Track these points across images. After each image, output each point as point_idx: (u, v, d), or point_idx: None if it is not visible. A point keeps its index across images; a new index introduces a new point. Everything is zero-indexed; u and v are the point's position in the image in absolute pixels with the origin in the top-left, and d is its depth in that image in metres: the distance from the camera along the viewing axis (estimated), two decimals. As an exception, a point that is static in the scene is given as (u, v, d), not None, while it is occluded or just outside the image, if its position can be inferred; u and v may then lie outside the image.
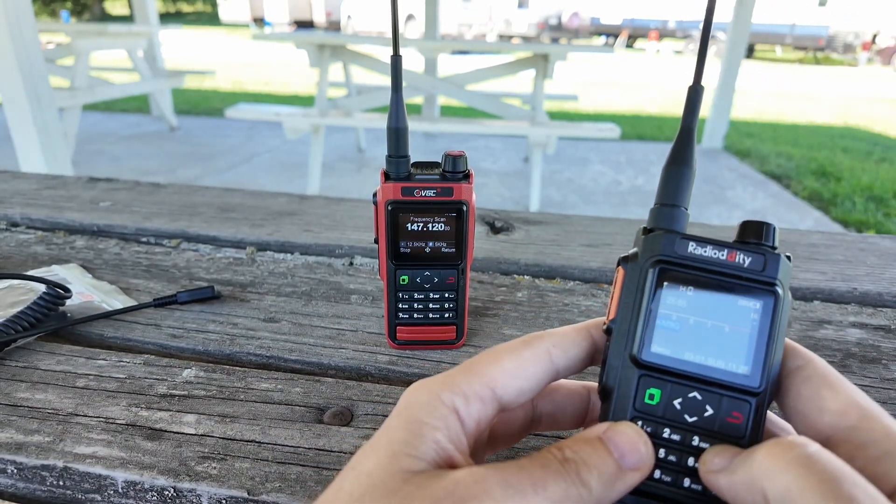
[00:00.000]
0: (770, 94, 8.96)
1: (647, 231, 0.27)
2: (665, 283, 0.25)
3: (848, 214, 3.56)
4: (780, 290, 0.25)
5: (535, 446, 0.39)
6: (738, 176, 4.36)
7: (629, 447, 0.23)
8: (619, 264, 0.27)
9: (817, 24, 16.17)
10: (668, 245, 0.26)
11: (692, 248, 0.26)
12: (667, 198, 0.27)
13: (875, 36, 16.63)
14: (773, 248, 0.26)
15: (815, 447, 0.20)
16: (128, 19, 20.04)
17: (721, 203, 3.70)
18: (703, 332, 0.25)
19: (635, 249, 0.27)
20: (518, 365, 0.25)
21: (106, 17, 25.87)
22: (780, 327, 0.25)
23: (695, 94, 0.27)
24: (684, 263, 0.25)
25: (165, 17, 25.91)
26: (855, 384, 0.24)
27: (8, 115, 2.58)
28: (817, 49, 16.65)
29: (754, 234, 0.26)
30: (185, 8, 30.45)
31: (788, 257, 0.26)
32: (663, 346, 0.25)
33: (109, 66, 6.44)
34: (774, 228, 0.26)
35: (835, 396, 0.23)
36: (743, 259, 0.25)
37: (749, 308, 0.25)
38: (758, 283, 0.25)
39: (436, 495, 0.20)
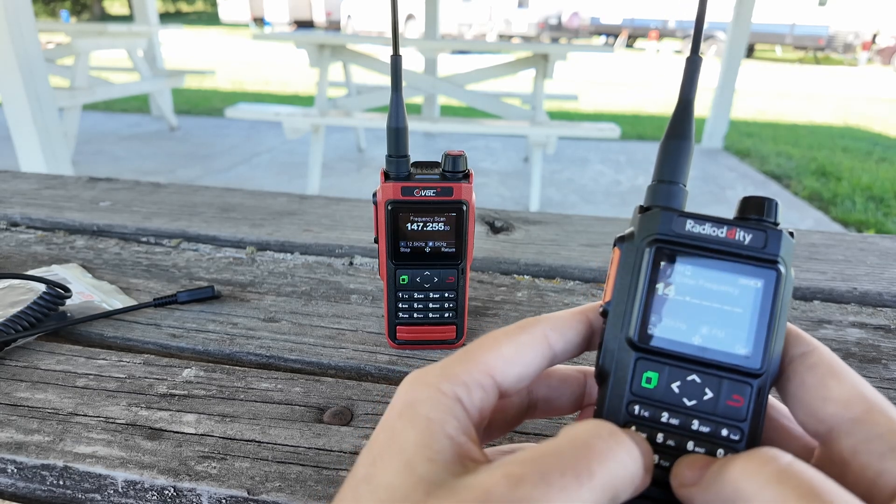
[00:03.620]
0: (770, 94, 8.96)
1: (643, 209, 0.26)
2: (662, 263, 0.24)
3: (848, 214, 3.56)
4: (781, 268, 0.24)
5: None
6: (738, 176, 4.36)
7: (646, 448, 0.22)
8: (615, 244, 0.26)
9: (817, 24, 16.16)
10: (665, 223, 0.25)
11: (690, 225, 0.25)
12: (664, 174, 0.26)
13: (875, 36, 16.62)
14: (775, 224, 0.25)
15: (788, 458, 0.20)
16: (128, 19, 20.05)
17: (721, 203, 3.70)
18: (701, 313, 0.24)
19: (632, 229, 0.26)
20: (516, 350, 0.24)
21: (106, 17, 25.88)
22: (783, 307, 0.24)
23: (693, 64, 0.26)
24: (682, 242, 0.24)
25: (165, 17, 25.91)
26: None
27: (8, 115, 2.58)
28: (817, 49, 16.65)
29: (755, 210, 0.25)
30: (185, 8, 30.45)
31: (791, 233, 0.25)
32: (660, 327, 0.24)
33: (109, 66, 6.43)
34: (776, 204, 0.25)
35: (839, 386, 0.22)
36: (743, 236, 0.24)
37: (749, 287, 0.24)
38: (758, 261, 0.24)
39: None
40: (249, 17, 24.16)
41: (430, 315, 0.48)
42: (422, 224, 0.45)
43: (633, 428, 0.24)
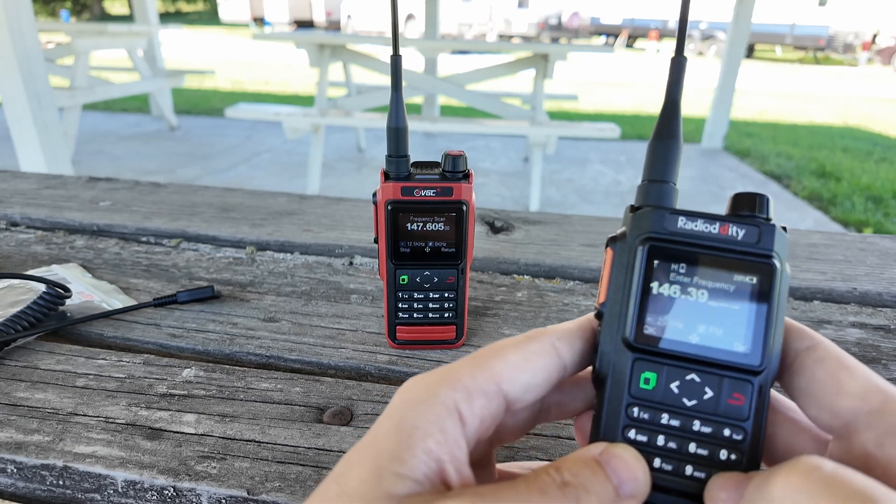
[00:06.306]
0: (770, 94, 8.96)
1: (634, 208, 0.26)
2: (656, 262, 0.24)
3: (848, 214, 3.56)
4: (776, 263, 0.23)
5: (535, 446, 0.39)
6: (738, 176, 4.36)
7: (627, 474, 0.22)
8: (607, 245, 0.26)
9: (817, 24, 16.18)
10: (657, 221, 0.25)
11: (682, 222, 0.24)
12: (654, 174, 0.26)
13: (875, 36, 16.63)
14: (768, 219, 0.24)
15: (831, 465, 0.19)
16: (128, 19, 20.05)
17: (721, 203, 3.70)
18: (697, 311, 0.24)
19: (623, 228, 0.26)
20: (524, 358, 0.24)
21: (106, 17, 25.88)
22: (780, 302, 0.23)
23: (678, 65, 0.26)
24: (674, 240, 0.24)
25: (165, 17, 25.92)
26: None
27: (8, 114, 2.58)
28: (817, 49, 16.66)
29: (747, 206, 0.25)
30: (185, 7, 30.45)
31: (784, 228, 0.24)
32: (656, 326, 0.24)
33: (109, 65, 6.43)
34: (768, 199, 0.25)
35: (853, 378, 0.22)
36: (736, 232, 0.24)
37: (745, 283, 0.24)
38: (753, 257, 0.24)
39: None
40: (249, 16, 24.17)
41: (430, 315, 0.48)
42: (422, 224, 0.45)
43: (633, 431, 0.24)
